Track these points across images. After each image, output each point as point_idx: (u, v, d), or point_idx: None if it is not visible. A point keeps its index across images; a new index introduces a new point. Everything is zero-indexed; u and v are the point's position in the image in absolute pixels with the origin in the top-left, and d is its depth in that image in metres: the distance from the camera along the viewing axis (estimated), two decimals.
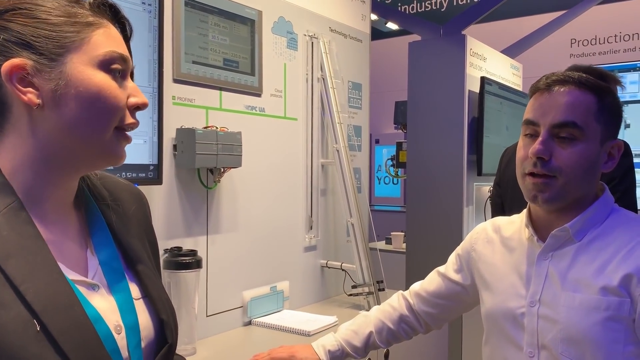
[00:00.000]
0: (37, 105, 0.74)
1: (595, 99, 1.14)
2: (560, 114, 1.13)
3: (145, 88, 1.60)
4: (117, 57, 0.78)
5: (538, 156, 1.14)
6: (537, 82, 1.20)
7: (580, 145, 1.13)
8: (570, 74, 1.17)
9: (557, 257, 1.20)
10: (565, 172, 1.13)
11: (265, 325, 2.00)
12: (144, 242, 0.95)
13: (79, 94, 0.75)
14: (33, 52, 0.74)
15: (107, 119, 0.77)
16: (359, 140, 2.61)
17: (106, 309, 0.80)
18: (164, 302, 0.90)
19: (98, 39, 0.77)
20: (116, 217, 0.89)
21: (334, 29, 2.47)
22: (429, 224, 3.43)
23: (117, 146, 0.80)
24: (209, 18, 1.88)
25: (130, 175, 1.57)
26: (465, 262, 1.45)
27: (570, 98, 1.14)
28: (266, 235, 2.12)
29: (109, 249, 0.86)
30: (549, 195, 1.15)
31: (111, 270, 0.85)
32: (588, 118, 1.13)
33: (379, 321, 1.56)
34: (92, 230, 0.86)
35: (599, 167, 1.17)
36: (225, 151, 1.82)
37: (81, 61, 0.75)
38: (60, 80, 0.74)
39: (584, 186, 1.16)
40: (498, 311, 1.29)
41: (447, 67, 3.37)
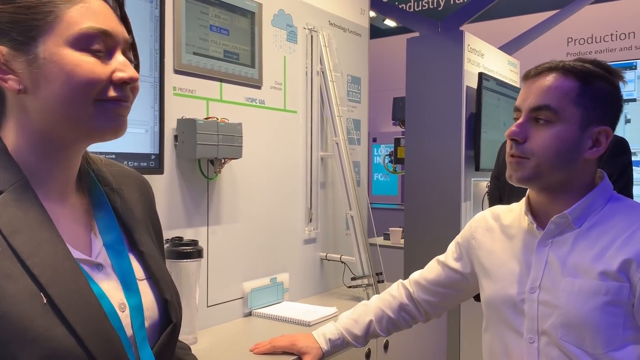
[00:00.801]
0: (18, 90, 0.74)
1: (578, 83, 1.16)
2: (537, 98, 1.16)
3: (147, 78, 1.61)
4: (94, 34, 0.75)
5: (511, 138, 1.18)
6: (528, 70, 1.23)
7: (555, 128, 1.16)
8: (559, 62, 1.19)
9: (556, 243, 1.21)
10: (537, 154, 1.16)
11: (265, 316, 2.01)
12: (148, 227, 0.96)
13: (55, 75, 0.74)
14: (8, 38, 0.73)
15: (83, 93, 0.75)
16: (358, 134, 2.62)
17: (110, 289, 0.81)
18: (167, 283, 0.91)
19: (73, 15, 0.74)
20: (121, 201, 0.90)
21: (334, 22, 2.48)
22: (427, 219, 3.45)
23: (103, 119, 0.77)
24: (209, 10, 1.89)
25: (132, 164, 1.58)
26: (465, 250, 1.46)
27: (550, 82, 1.16)
28: (266, 227, 2.13)
29: (113, 231, 0.87)
30: (522, 175, 1.18)
31: (115, 251, 0.85)
32: (564, 102, 1.15)
33: (379, 310, 1.57)
34: (97, 212, 0.87)
35: (581, 152, 1.18)
36: (226, 142, 1.82)
37: (54, 42, 0.74)
38: (35, 63, 0.74)
39: (561, 168, 1.17)
40: (498, 298, 1.30)
41: (445, 63, 3.38)
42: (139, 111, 1.59)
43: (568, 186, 1.20)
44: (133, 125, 1.58)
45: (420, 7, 6.92)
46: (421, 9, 6.90)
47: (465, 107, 3.35)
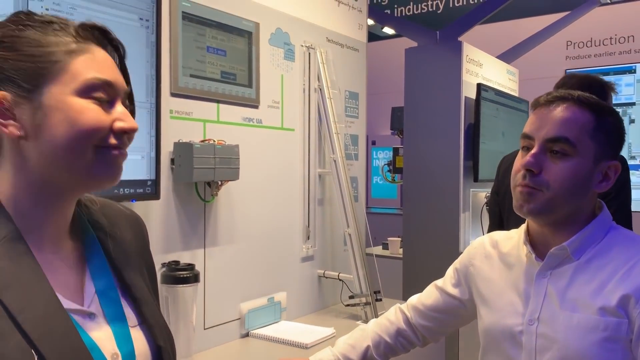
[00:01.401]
0: (19, 137, 0.75)
1: (593, 117, 1.15)
2: (554, 129, 1.14)
3: (143, 104, 1.61)
4: (98, 84, 0.76)
5: (527, 168, 1.16)
6: (538, 97, 1.22)
7: (572, 161, 1.14)
8: (571, 92, 1.18)
9: (555, 275, 1.20)
10: (553, 187, 1.14)
11: (262, 337, 2.01)
12: (141, 269, 0.95)
13: (59, 122, 0.74)
14: (12, 85, 0.74)
15: (86, 140, 0.75)
16: (355, 149, 2.61)
17: (102, 338, 0.80)
18: (161, 329, 0.91)
19: (79, 66, 0.76)
20: (113, 244, 0.90)
21: (331, 39, 2.47)
22: (426, 230, 3.44)
23: (101, 166, 0.78)
24: (206, 31, 1.88)
25: (128, 191, 1.57)
26: (464, 276, 1.45)
27: (567, 114, 1.15)
28: (263, 247, 2.13)
29: (105, 278, 0.86)
30: (534, 206, 1.16)
31: (107, 298, 0.85)
32: (582, 135, 1.14)
33: (376, 335, 1.56)
34: (89, 258, 0.87)
35: (592, 185, 1.17)
36: (222, 164, 1.82)
37: (60, 91, 0.75)
38: (39, 110, 0.74)
39: (572, 203, 1.16)
40: (496, 328, 1.29)
41: (443, 73, 3.38)
42: (135, 137, 1.56)
43: (571, 218, 1.19)
44: (129, 152, 1.56)
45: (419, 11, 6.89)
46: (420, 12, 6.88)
47: (463, 118, 3.35)
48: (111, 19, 1.52)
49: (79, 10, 1.44)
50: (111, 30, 0.82)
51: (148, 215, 1.71)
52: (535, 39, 4.45)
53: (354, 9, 2.63)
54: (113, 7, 1.53)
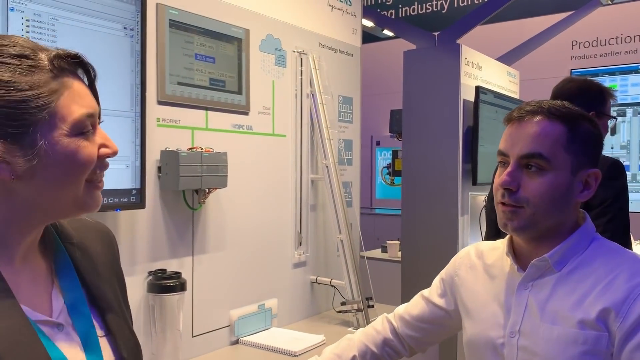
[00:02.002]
0: (11, 179, 0.75)
1: (565, 128, 1.14)
2: (527, 145, 1.13)
3: (128, 113, 1.61)
4: (85, 119, 0.78)
5: (504, 187, 1.15)
6: (511, 112, 1.21)
7: (548, 175, 1.13)
8: (542, 104, 1.17)
9: (537, 287, 1.19)
10: (533, 203, 1.13)
11: (252, 344, 2.01)
12: (111, 280, 0.96)
13: (55, 163, 0.76)
14: (2, 132, 0.73)
15: (80, 176, 0.79)
16: (349, 154, 2.60)
17: (70, 349, 0.81)
18: (126, 340, 0.91)
19: (64, 105, 0.76)
20: (82, 256, 0.91)
21: (324, 44, 2.46)
22: (424, 233, 3.42)
23: (90, 198, 0.82)
24: (194, 38, 1.88)
25: (112, 200, 1.57)
26: (449, 286, 1.44)
27: (538, 129, 1.14)
28: (254, 253, 2.13)
29: (74, 289, 0.87)
30: (518, 224, 1.15)
31: (76, 310, 0.86)
32: (556, 149, 1.13)
33: (362, 345, 1.55)
34: (59, 271, 0.87)
35: (573, 196, 1.16)
36: (210, 172, 1.82)
37: (53, 135, 0.75)
38: (32, 154, 0.74)
39: (555, 215, 1.15)
40: (478, 340, 1.28)
41: (442, 76, 3.35)
42: (120, 146, 1.56)
43: (555, 230, 1.18)
44: (114, 162, 1.56)
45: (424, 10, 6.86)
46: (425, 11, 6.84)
47: (462, 121, 3.32)
48: (94, 29, 1.52)
49: (60, 20, 1.44)
50: (84, 56, 0.82)
51: (134, 224, 1.71)
52: (539, 39, 4.41)
53: (348, 14, 2.62)
54: (96, 17, 1.53)
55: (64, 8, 1.45)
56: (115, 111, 1.57)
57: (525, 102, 1.22)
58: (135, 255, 1.72)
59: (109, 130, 0.84)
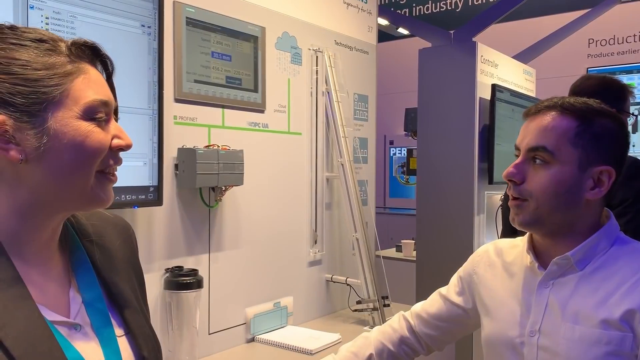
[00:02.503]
0: (19, 160, 0.74)
1: (576, 123, 1.12)
2: (533, 138, 1.14)
3: (145, 110, 1.61)
4: (98, 105, 0.77)
5: (509, 179, 1.16)
6: (528, 108, 1.21)
7: (552, 169, 1.12)
8: (558, 99, 1.16)
9: (558, 285, 1.17)
10: (535, 196, 1.13)
11: (268, 342, 2.00)
12: (129, 276, 0.95)
13: (64, 146, 0.74)
14: (12, 109, 0.73)
15: (90, 164, 0.77)
16: (364, 152, 2.59)
17: (88, 349, 0.80)
18: (146, 338, 0.90)
19: (78, 88, 0.76)
20: (100, 253, 0.90)
21: (339, 41, 2.45)
22: (439, 233, 3.40)
23: (101, 190, 0.80)
24: (211, 36, 1.88)
25: (129, 197, 1.58)
26: (467, 284, 1.42)
27: (547, 122, 1.14)
28: (270, 252, 2.12)
29: (92, 288, 0.86)
30: (523, 218, 1.15)
31: (95, 309, 0.85)
32: (561, 142, 1.12)
33: (379, 343, 1.54)
34: (76, 269, 0.86)
35: (581, 193, 1.13)
36: (226, 170, 1.82)
37: (64, 115, 0.74)
38: (43, 136, 0.73)
39: (561, 211, 1.13)
40: (497, 339, 1.27)
41: (457, 74, 3.32)
42: (137, 144, 1.59)
43: (571, 228, 1.16)
44: (131, 159, 1.58)
45: (438, 9, 6.83)
46: (439, 10, 6.81)
47: (478, 119, 3.29)
48: (112, 27, 1.53)
49: (79, 18, 1.44)
50: (101, 47, 0.82)
51: (151, 221, 1.72)
52: (554, 37, 4.36)
53: (364, 11, 2.61)
54: (114, 15, 1.53)
55: (82, 6, 1.46)
56: (132, 108, 1.58)
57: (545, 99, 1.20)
58: (152, 253, 1.73)
59: (126, 127, 0.83)
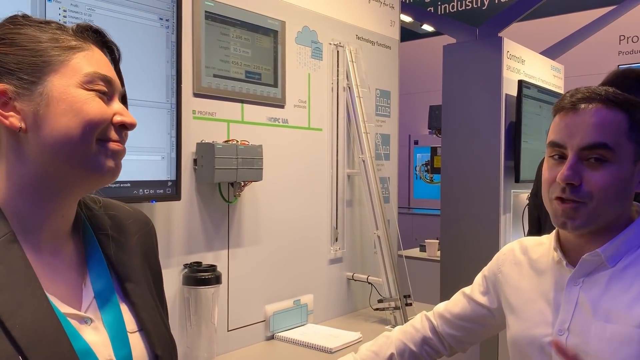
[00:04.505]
0: (19, 128, 0.74)
1: (626, 116, 1.06)
2: (589, 135, 1.05)
3: (163, 104, 1.60)
4: (98, 78, 0.78)
5: (567, 182, 1.07)
6: (561, 100, 1.13)
7: (612, 167, 1.06)
8: (596, 90, 1.09)
9: (588, 283, 1.12)
10: (597, 197, 1.05)
11: (287, 340, 1.98)
12: (145, 272, 0.93)
13: (63, 112, 0.75)
14: (14, 77, 0.74)
15: (90, 130, 0.76)
16: (386, 149, 2.55)
17: (98, 343, 0.79)
18: (159, 336, 0.88)
19: (79, 62, 0.77)
20: (116, 247, 0.88)
21: (361, 36, 2.42)
22: (464, 232, 3.34)
23: (103, 158, 0.78)
24: (230, 31, 1.87)
25: (147, 192, 1.57)
26: (492, 284, 1.38)
27: (599, 117, 1.06)
28: (290, 248, 2.10)
29: (104, 281, 0.85)
30: (580, 222, 1.07)
31: (106, 303, 0.83)
32: (619, 138, 1.05)
33: (400, 342, 1.50)
34: (89, 261, 0.85)
35: (633, 187, 1.09)
36: (245, 165, 1.80)
37: (63, 83, 0.75)
38: (41, 101, 0.74)
39: (616, 209, 1.08)
40: (524, 338, 1.22)
41: (483, 70, 3.26)
42: (155, 138, 1.58)
43: (611, 225, 1.11)
44: (149, 153, 1.57)
45: (463, 7, 6.74)
46: (464, 8, 6.72)
47: (504, 116, 3.22)
48: (130, 20, 1.53)
49: (97, 11, 1.44)
50: (106, 32, 0.83)
51: (170, 216, 1.71)
52: (583, 32, 4.25)
53: (386, 5, 2.57)
54: (132, 8, 1.53)
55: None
56: (151, 102, 1.57)
57: (574, 90, 1.14)
58: (171, 248, 1.72)
59: (144, 121, 0.84)
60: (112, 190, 1.47)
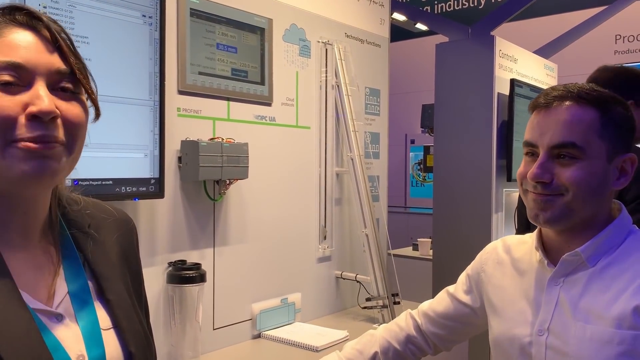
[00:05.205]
0: None
1: (598, 114, 1.06)
2: (558, 134, 1.05)
3: (146, 101, 1.59)
4: (1, 67, 0.69)
5: (537, 180, 1.07)
6: (536, 98, 1.12)
7: (583, 163, 1.05)
8: (570, 87, 1.09)
9: (568, 283, 1.12)
10: (572, 190, 1.05)
11: (273, 338, 1.97)
12: (123, 271, 0.92)
13: None
14: None
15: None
16: (376, 147, 2.54)
17: (69, 339, 0.78)
18: (135, 334, 0.87)
19: None
20: (93, 245, 0.87)
21: (350, 34, 2.41)
22: (456, 231, 3.34)
23: (14, 162, 0.70)
24: (216, 28, 1.86)
25: (130, 189, 1.56)
26: (475, 283, 1.37)
27: (568, 115, 1.05)
28: (277, 246, 2.09)
29: (78, 280, 0.84)
30: (552, 215, 1.07)
31: (79, 300, 0.82)
32: (589, 136, 1.04)
33: (385, 341, 1.50)
34: (63, 259, 0.84)
35: (609, 184, 1.08)
36: (230, 163, 1.79)
37: None
38: None
39: (591, 205, 1.08)
40: (505, 338, 1.22)
41: (475, 69, 3.26)
42: (138, 135, 1.57)
43: (588, 222, 1.10)
44: (131, 150, 1.56)
45: (460, 6, 6.74)
46: (461, 7, 6.72)
47: (496, 115, 3.22)
48: (112, 16, 1.52)
49: (78, 7, 1.43)
50: (39, 13, 0.75)
51: (154, 214, 1.70)
52: (576, 31, 4.25)
53: (375, 3, 2.56)
54: (114, 4, 1.52)
55: None
56: (133, 99, 1.56)
57: (551, 87, 1.13)
58: (155, 246, 1.71)
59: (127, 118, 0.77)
60: (94, 188, 1.46)
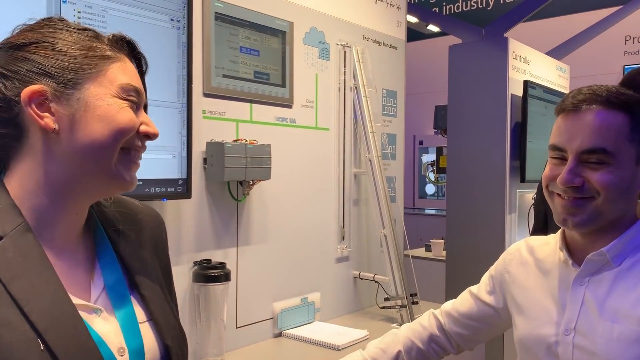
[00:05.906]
0: (53, 129, 0.77)
1: (628, 117, 1.06)
2: (588, 140, 1.05)
3: (174, 104, 1.63)
4: (131, 89, 0.82)
5: (567, 185, 1.07)
6: (563, 101, 1.13)
7: (612, 168, 1.06)
8: (598, 91, 1.10)
9: (594, 282, 1.13)
10: (603, 194, 1.06)
11: (295, 337, 2.00)
12: (155, 266, 0.96)
13: (97, 118, 0.79)
14: (53, 80, 0.78)
15: (117, 138, 0.80)
16: (393, 148, 2.57)
17: (109, 332, 0.81)
18: (169, 327, 0.91)
19: (114, 71, 0.81)
20: (125, 242, 0.91)
21: (368, 36, 2.44)
22: (470, 232, 3.35)
23: (124, 170, 0.83)
24: (239, 31, 1.89)
25: (159, 190, 1.59)
26: (498, 284, 1.39)
27: (598, 120, 1.06)
28: (297, 247, 2.12)
29: (114, 274, 0.88)
30: (581, 219, 1.08)
31: (116, 294, 0.86)
32: (620, 141, 1.05)
33: (408, 340, 1.51)
34: (100, 256, 0.88)
35: (636, 186, 1.10)
36: (254, 164, 1.82)
37: (100, 91, 0.80)
38: (79, 106, 0.78)
39: (620, 208, 1.09)
40: (531, 338, 1.23)
41: (488, 70, 3.28)
42: (167, 137, 1.60)
43: (615, 223, 1.11)
44: (160, 152, 1.60)
45: (468, 8, 6.74)
46: (469, 9, 6.72)
47: (510, 116, 3.24)
48: (142, 21, 1.55)
49: (110, 12, 1.47)
50: (137, 44, 0.88)
51: (180, 214, 1.74)
52: (588, 33, 4.26)
53: (393, 6, 2.59)
54: (144, 9, 1.55)
55: (113, 0, 1.48)
56: (162, 102, 1.60)
57: (577, 90, 1.13)
58: (181, 245, 1.74)
59: (155, 121, 0.88)
60: None
